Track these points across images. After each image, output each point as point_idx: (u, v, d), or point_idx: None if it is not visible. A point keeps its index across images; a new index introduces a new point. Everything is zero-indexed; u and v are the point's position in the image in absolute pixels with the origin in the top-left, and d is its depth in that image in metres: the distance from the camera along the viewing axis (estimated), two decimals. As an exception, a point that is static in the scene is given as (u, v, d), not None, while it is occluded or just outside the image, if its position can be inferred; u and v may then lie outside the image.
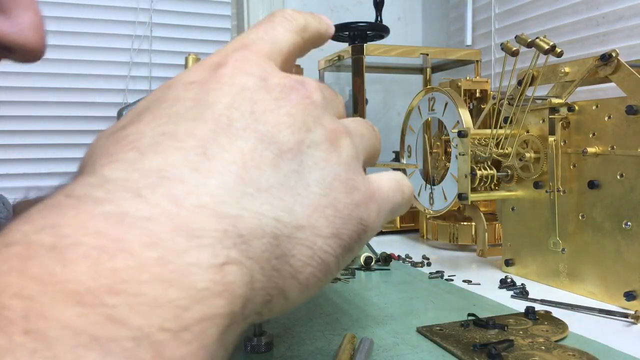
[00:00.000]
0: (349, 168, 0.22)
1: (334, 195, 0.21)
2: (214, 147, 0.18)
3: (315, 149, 0.21)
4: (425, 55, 1.00)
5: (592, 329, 0.43)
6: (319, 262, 0.20)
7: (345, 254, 0.22)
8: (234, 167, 0.18)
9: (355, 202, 0.21)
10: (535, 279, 0.59)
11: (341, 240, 0.21)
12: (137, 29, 1.20)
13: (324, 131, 0.21)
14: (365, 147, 0.25)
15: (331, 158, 0.21)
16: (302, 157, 0.20)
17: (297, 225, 0.19)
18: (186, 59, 0.33)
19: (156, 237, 0.15)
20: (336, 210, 0.21)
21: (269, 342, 0.38)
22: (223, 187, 0.17)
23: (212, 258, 0.16)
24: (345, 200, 0.21)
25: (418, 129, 0.82)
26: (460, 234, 0.78)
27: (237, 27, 1.33)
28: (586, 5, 0.95)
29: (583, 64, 0.54)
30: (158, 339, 0.14)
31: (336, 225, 0.21)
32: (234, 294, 0.16)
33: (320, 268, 0.20)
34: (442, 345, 0.38)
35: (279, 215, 0.19)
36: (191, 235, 0.16)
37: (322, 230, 0.20)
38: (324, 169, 0.21)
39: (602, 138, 0.51)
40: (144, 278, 0.14)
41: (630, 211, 0.48)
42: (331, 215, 0.21)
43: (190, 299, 0.15)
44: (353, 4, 1.40)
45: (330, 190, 0.21)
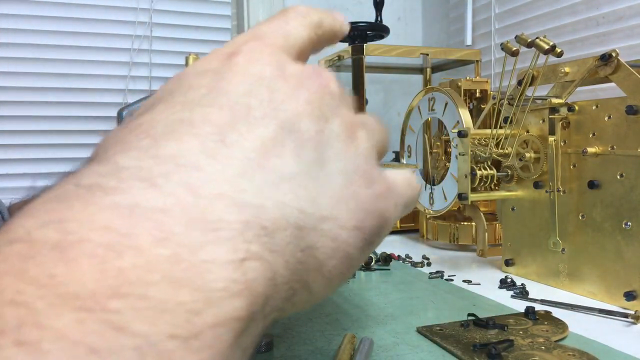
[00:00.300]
0: (367, 160, 0.21)
1: (355, 187, 0.20)
2: (232, 134, 0.17)
3: (335, 140, 0.20)
4: (425, 55, 1.00)
5: (592, 329, 0.43)
6: (343, 255, 0.20)
7: (366, 247, 0.21)
8: (254, 154, 0.17)
9: (376, 195, 0.21)
10: (535, 279, 0.59)
11: (363, 233, 0.20)
12: (137, 29, 1.20)
13: (342, 122, 0.21)
14: (378, 142, 0.24)
15: (350, 149, 0.21)
16: (322, 147, 0.19)
17: (321, 216, 0.18)
18: (186, 58, 0.33)
19: (168, 231, 0.14)
20: (358, 202, 0.20)
21: (269, 342, 0.38)
22: (243, 175, 0.16)
23: (231, 253, 0.15)
24: (367, 192, 0.21)
25: (418, 129, 0.82)
26: (461, 234, 0.78)
27: (237, 27, 1.33)
28: (586, 5, 0.95)
29: (583, 64, 0.54)
30: (166, 347, 0.12)
31: (359, 217, 0.20)
32: (255, 293, 0.15)
33: (344, 261, 0.20)
34: (442, 345, 0.38)
35: (303, 206, 0.18)
36: (208, 228, 0.15)
37: (345, 222, 0.19)
38: (345, 160, 0.20)
39: (602, 138, 0.51)
40: (152, 278, 0.13)
41: (630, 211, 0.48)
42: (353, 207, 0.20)
43: (204, 301, 0.14)
44: (353, 4, 1.40)
45: (352, 181, 0.20)
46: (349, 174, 0.20)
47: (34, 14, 1.12)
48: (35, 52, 1.12)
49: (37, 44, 1.12)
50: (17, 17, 1.10)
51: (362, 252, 0.21)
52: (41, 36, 1.13)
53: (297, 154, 0.18)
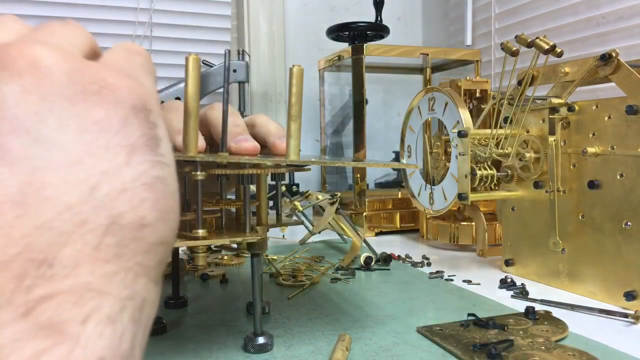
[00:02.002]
0: (73, 75, 0.19)
1: (89, 119, 0.18)
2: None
3: (10, 96, 0.17)
4: (425, 55, 1.00)
5: (592, 329, 0.43)
6: (147, 186, 0.19)
7: (157, 147, 0.20)
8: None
9: (114, 102, 0.19)
10: (535, 279, 0.59)
11: (141, 146, 0.19)
12: (137, 28, 1.20)
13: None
14: (70, 41, 0.21)
15: (37, 85, 0.18)
16: (10, 122, 0.17)
17: (89, 188, 0.17)
18: (186, 58, 0.33)
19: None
20: (106, 130, 0.18)
21: (269, 342, 0.38)
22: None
23: (11, 313, 0.15)
24: (103, 110, 0.19)
25: (418, 129, 0.82)
26: (461, 234, 0.78)
27: (237, 27, 1.33)
28: (586, 5, 0.95)
29: (583, 64, 0.54)
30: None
31: (122, 141, 0.18)
32: (65, 331, 0.16)
33: (153, 188, 0.19)
34: (442, 345, 0.38)
35: (65, 202, 0.17)
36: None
37: (115, 162, 0.18)
38: (50, 109, 0.18)
39: (602, 138, 0.51)
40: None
41: (631, 211, 0.48)
42: (108, 139, 0.18)
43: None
44: (353, 4, 1.40)
45: (80, 119, 0.18)
46: (70, 114, 0.18)
47: (34, 14, 1.12)
48: (35, 52, 1.12)
49: (37, 44, 1.12)
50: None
51: (158, 155, 0.20)
52: (41, 36, 1.12)
53: (1, 164, 0.16)
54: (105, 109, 0.19)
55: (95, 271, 0.17)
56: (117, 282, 0.17)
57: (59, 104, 0.18)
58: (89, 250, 0.17)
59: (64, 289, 0.16)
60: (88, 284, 0.16)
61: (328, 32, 1.07)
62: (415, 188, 0.81)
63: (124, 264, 0.18)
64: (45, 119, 0.17)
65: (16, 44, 0.19)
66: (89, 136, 0.18)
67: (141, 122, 0.19)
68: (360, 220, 0.91)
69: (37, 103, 0.18)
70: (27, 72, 0.18)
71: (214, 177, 0.41)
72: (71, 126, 0.18)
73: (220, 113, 0.37)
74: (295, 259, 0.70)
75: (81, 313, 0.16)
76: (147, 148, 0.19)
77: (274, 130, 0.40)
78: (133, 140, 0.19)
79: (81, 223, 0.17)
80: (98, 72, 0.19)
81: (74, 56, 0.20)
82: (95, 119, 0.18)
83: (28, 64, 0.18)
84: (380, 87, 1.35)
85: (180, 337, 0.42)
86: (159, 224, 0.19)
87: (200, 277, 0.61)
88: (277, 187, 0.44)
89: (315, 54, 1.29)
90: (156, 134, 0.20)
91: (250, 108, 1.28)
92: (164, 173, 0.20)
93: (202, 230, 0.36)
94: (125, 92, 0.19)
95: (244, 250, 0.73)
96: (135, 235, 0.18)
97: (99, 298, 0.17)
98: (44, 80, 0.18)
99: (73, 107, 0.18)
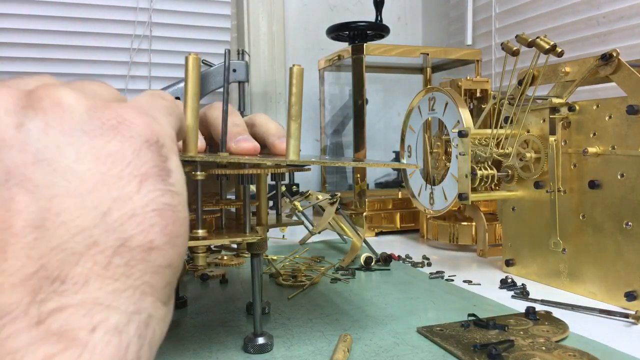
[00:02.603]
0: (92, 112, 0.21)
1: (104, 151, 0.20)
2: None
3: (35, 132, 0.19)
4: (425, 55, 1.00)
5: (593, 329, 0.42)
6: (157, 212, 0.20)
7: (167, 177, 0.21)
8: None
9: (129, 136, 0.21)
10: (536, 279, 0.59)
11: (152, 175, 0.20)
12: (137, 28, 1.20)
13: (23, 102, 0.20)
14: (94, 89, 0.23)
15: (60, 122, 0.20)
16: (34, 154, 0.19)
17: (102, 213, 0.19)
18: (186, 58, 0.33)
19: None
20: (120, 161, 0.20)
21: (268, 342, 0.38)
22: (4, 258, 0.17)
23: (25, 322, 0.17)
24: (118, 143, 0.20)
25: (418, 129, 0.82)
26: (460, 234, 0.78)
27: (237, 27, 1.33)
28: (587, 5, 0.95)
29: (584, 64, 0.54)
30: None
31: (134, 171, 0.20)
32: (74, 338, 0.17)
33: (163, 214, 0.20)
34: (443, 346, 0.38)
35: (78, 225, 0.18)
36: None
37: (126, 190, 0.20)
38: (69, 143, 0.19)
39: (603, 138, 0.51)
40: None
41: (631, 211, 0.48)
42: (121, 170, 0.20)
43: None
44: (353, 4, 1.40)
45: (96, 151, 0.20)
46: (86, 148, 0.20)
47: (34, 14, 1.11)
48: (35, 51, 1.12)
49: (37, 43, 1.12)
50: (17, 17, 1.10)
51: (169, 183, 0.21)
52: (41, 36, 1.13)
53: (23, 192, 0.18)
54: (120, 142, 0.20)
55: (104, 288, 0.18)
56: (124, 298, 0.19)
57: (78, 138, 0.20)
58: (99, 269, 0.18)
59: (74, 302, 0.18)
60: (97, 299, 0.18)
61: (328, 31, 1.06)
62: (415, 188, 0.81)
63: (132, 283, 0.19)
64: (65, 151, 0.19)
65: (44, 87, 0.21)
66: (103, 166, 0.20)
67: (153, 154, 0.21)
68: (360, 220, 0.91)
69: (59, 137, 0.19)
70: (51, 110, 0.20)
71: (214, 177, 0.41)
72: (88, 157, 0.19)
73: (219, 113, 0.37)
74: (295, 259, 0.70)
75: (90, 323, 0.18)
76: (158, 178, 0.21)
77: (274, 130, 0.40)
78: (144, 170, 0.20)
79: (92, 245, 0.18)
80: (117, 109, 0.21)
81: (95, 98, 0.22)
82: (110, 151, 0.20)
83: (52, 102, 0.20)
84: (380, 87, 1.35)
85: (180, 337, 0.42)
86: (167, 248, 0.20)
87: (200, 277, 0.61)
88: (277, 187, 0.44)
89: (315, 54, 1.29)
90: (167, 165, 0.22)
91: (250, 108, 1.28)
92: (174, 201, 0.21)
93: (202, 231, 0.35)
94: (140, 127, 0.21)
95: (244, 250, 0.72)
96: (143, 257, 0.19)
97: (106, 311, 0.18)
98: (65, 117, 0.20)
99: (91, 141, 0.20)
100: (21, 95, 0.20)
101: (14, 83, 0.22)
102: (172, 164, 0.22)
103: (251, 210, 0.39)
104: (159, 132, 0.22)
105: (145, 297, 0.19)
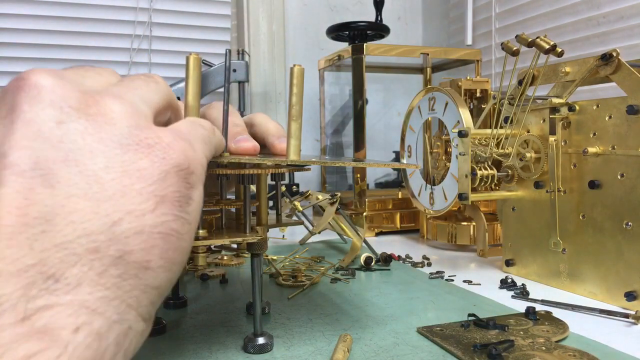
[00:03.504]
0: (133, 129, 0.21)
1: (133, 166, 0.20)
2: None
3: (73, 133, 0.20)
4: (425, 54, 1.00)
5: (593, 330, 0.42)
6: (162, 235, 0.20)
7: (186, 205, 0.21)
8: (9, 217, 0.18)
9: (161, 157, 0.21)
10: (536, 279, 0.59)
11: (171, 200, 0.21)
12: (137, 28, 1.20)
13: (73, 102, 0.20)
14: (146, 99, 0.24)
15: (99, 130, 0.20)
16: (66, 152, 0.19)
17: (111, 222, 0.19)
18: (187, 58, 0.33)
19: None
20: (145, 179, 0.20)
21: (268, 342, 0.38)
22: (8, 244, 0.17)
23: (12, 317, 0.17)
24: (148, 161, 0.21)
25: (418, 129, 0.82)
26: (458, 233, 0.78)
27: (236, 27, 1.33)
28: (587, 5, 0.95)
29: (584, 64, 0.54)
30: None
31: (155, 191, 0.20)
32: (56, 338, 0.17)
33: (167, 239, 0.20)
34: (443, 346, 0.38)
35: (86, 228, 0.19)
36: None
37: (142, 206, 0.20)
38: (102, 151, 0.20)
39: (603, 138, 0.51)
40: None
41: (631, 211, 0.48)
42: (143, 186, 0.20)
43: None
44: (353, 4, 1.40)
45: (126, 164, 0.20)
46: (118, 160, 0.20)
47: (34, 14, 1.11)
48: (35, 51, 1.12)
49: (37, 43, 1.12)
50: (17, 17, 1.10)
51: (185, 214, 0.21)
52: (41, 35, 1.12)
53: (49, 185, 0.19)
54: (151, 161, 0.21)
55: (95, 293, 0.19)
56: (111, 307, 0.19)
57: (112, 149, 0.20)
58: (93, 274, 0.19)
59: (63, 302, 0.18)
60: (85, 302, 0.18)
61: (328, 31, 1.06)
62: (415, 188, 0.81)
63: (121, 294, 0.19)
64: (96, 157, 0.20)
65: (98, 93, 0.22)
66: (127, 179, 0.20)
67: (180, 180, 0.22)
68: (360, 220, 0.91)
69: (94, 143, 0.20)
70: (94, 118, 0.21)
71: (214, 177, 0.41)
72: (116, 168, 0.20)
73: (219, 112, 0.37)
74: (295, 259, 0.70)
75: (74, 323, 0.18)
76: (177, 203, 0.21)
77: (273, 130, 0.40)
78: (166, 193, 0.21)
79: (94, 250, 0.19)
80: (157, 132, 0.22)
81: (142, 115, 0.22)
82: (139, 167, 0.21)
83: (99, 112, 0.21)
84: (380, 87, 1.35)
85: (180, 338, 0.42)
86: (161, 272, 0.21)
87: (200, 277, 0.61)
88: (277, 187, 0.44)
89: (315, 53, 1.29)
90: (190, 194, 0.22)
91: (250, 108, 1.28)
92: (183, 229, 0.22)
93: (202, 231, 0.35)
94: (174, 152, 0.22)
95: (244, 250, 0.72)
96: (136, 273, 0.20)
97: (92, 315, 0.18)
98: (106, 127, 0.21)
99: (124, 154, 0.20)
100: (75, 95, 0.21)
101: (76, 76, 0.22)
102: (195, 192, 0.23)
103: (251, 210, 0.39)
104: (192, 159, 0.22)
105: (129, 310, 0.20)
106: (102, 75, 0.24)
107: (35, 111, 0.20)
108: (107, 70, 0.25)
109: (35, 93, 0.20)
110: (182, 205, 0.22)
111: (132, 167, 0.20)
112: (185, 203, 0.22)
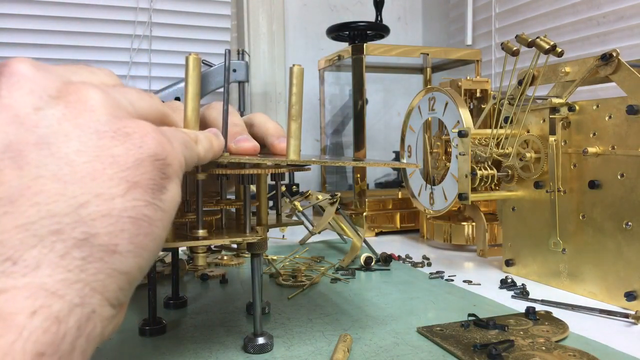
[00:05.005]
0: (112, 117, 0.21)
1: (108, 152, 0.20)
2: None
3: (50, 118, 0.20)
4: (425, 55, 1.00)
5: (593, 329, 0.42)
6: (133, 220, 0.20)
7: (159, 193, 0.21)
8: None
9: (138, 145, 0.21)
10: (536, 279, 0.59)
11: (144, 186, 0.21)
12: (137, 28, 1.20)
13: (53, 92, 0.20)
14: (132, 101, 0.24)
15: (76, 116, 0.20)
16: (39, 136, 0.19)
17: (78, 204, 0.19)
18: (187, 58, 0.33)
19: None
20: (118, 164, 0.20)
21: (268, 342, 0.38)
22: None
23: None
24: (124, 149, 0.21)
25: (418, 129, 0.82)
26: (454, 233, 0.78)
27: (237, 27, 1.33)
28: (587, 5, 0.95)
29: (584, 64, 0.54)
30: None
31: (128, 177, 0.20)
32: (10, 323, 0.17)
33: (138, 224, 0.20)
34: (443, 346, 0.38)
35: (50, 210, 0.18)
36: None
37: (112, 190, 0.20)
38: (78, 135, 0.20)
39: (603, 138, 0.51)
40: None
41: (631, 211, 0.48)
42: (115, 172, 0.20)
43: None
44: (353, 4, 1.40)
45: (100, 150, 0.20)
46: (92, 144, 0.20)
47: (34, 14, 1.11)
48: (35, 51, 1.12)
49: (37, 43, 1.12)
50: (17, 17, 1.10)
51: (159, 201, 0.21)
52: (41, 35, 1.12)
53: (17, 167, 0.19)
54: (127, 148, 0.21)
55: (54, 275, 0.18)
56: (72, 290, 0.19)
57: (88, 134, 0.20)
58: (54, 256, 0.18)
59: (19, 285, 0.17)
60: (44, 284, 0.18)
61: (328, 31, 1.06)
62: (415, 188, 0.81)
63: (84, 277, 0.19)
64: (70, 141, 0.20)
65: (81, 83, 0.22)
66: (100, 164, 0.20)
67: (155, 169, 0.21)
68: (360, 220, 0.91)
69: (69, 128, 0.20)
70: (74, 105, 0.21)
71: (214, 177, 0.41)
72: (89, 152, 0.20)
73: (218, 112, 0.37)
74: (295, 259, 0.70)
75: (31, 306, 0.17)
76: (150, 190, 0.21)
77: (272, 130, 0.40)
78: (138, 179, 0.21)
79: (56, 232, 0.18)
80: (137, 122, 0.22)
81: (123, 109, 0.22)
82: (113, 153, 0.20)
83: (79, 99, 0.21)
84: (380, 87, 1.35)
85: (180, 337, 0.42)
86: (129, 256, 0.20)
87: (200, 277, 0.61)
88: (277, 187, 0.44)
89: (315, 53, 1.29)
90: (164, 183, 0.22)
91: (250, 108, 1.28)
92: (156, 216, 0.21)
93: (202, 231, 0.35)
94: (152, 143, 0.22)
95: (244, 250, 0.72)
96: (102, 257, 0.19)
97: (51, 298, 0.18)
98: (85, 114, 0.21)
99: (99, 140, 0.20)
100: (56, 85, 0.21)
101: (64, 71, 0.23)
102: (170, 184, 0.22)
103: (251, 210, 0.39)
104: (169, 152, 0.22)
105: (94, 293, 0.19)
106: (96, 74, 0.24)
107: (15, 97, 0.20)
108: (104, 71, 0.25)
109: (15, 80, 0.20)
110: (156, 193, 0.21)
111: (106, 153, 0.20)
112: (158, 191, 0.21)
